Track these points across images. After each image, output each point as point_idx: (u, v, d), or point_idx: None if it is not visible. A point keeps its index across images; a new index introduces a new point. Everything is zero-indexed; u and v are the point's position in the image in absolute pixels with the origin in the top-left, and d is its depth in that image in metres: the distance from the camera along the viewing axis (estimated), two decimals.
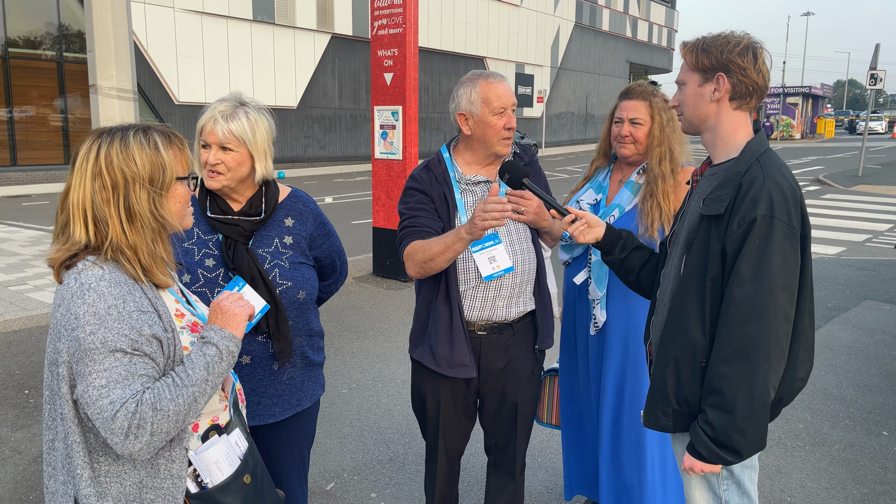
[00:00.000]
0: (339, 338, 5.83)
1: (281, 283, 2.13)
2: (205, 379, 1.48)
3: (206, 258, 2.09)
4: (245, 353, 2.11)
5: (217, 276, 2.09)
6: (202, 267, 2.08)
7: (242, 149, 2.06)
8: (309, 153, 24.84)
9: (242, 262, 2.07)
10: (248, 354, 2.12)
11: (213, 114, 2.04)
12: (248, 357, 2.12)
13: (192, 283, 2.06)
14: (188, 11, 20.55)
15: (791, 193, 1.75)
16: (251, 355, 2.12)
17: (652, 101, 2.66)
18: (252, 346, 2.11)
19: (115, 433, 1.37)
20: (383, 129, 7.60)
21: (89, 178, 1.47)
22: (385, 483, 3.54)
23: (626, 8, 43.14)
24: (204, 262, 2.09)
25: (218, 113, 2.04)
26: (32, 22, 18.53)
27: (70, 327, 1.41)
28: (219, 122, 2.03)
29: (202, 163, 2.07)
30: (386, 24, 7.40)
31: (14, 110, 18.13)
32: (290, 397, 2.22)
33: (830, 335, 5.99)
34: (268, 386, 2.17)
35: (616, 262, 2.20)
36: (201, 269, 2.08)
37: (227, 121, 2.03)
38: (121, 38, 4.72)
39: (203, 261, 2.09)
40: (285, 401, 2.22)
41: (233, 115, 2.04)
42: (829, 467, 3.73)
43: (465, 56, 30.53)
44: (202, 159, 2.06)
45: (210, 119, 2.04)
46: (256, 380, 2.15)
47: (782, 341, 1.73)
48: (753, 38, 1.86)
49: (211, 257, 2.10)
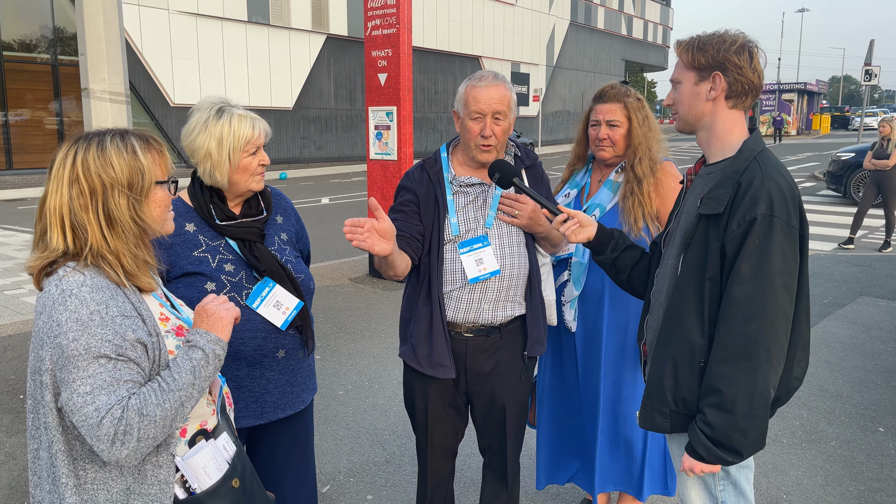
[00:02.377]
0: (335, 339, 5.81)
1: (297, 276, 2.20)
2: (191, 383, 1.46)
3: (224, 263, 2.10)
4: (281, 348, 2.18)
5: (241, 280, 2.10)
6: (224, 273, 2.08)
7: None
8: (305, 154, 24.83)
9: (270, 263, 2.12)
10: (283, 348, 2.19)
11: (249, 120, 2.09)
12: (283, 351, 2.19)
13: (218, 291, 2.06)
14: (183, 13, 20.52)
15: (790, 192, 1.74)
16: (286, 349, 2.19)
17: (626, 101, 2.68)
18: (286, 340, 2.18)
19: (102, 440, 1.36)
20: (378, 129, 7.58)
21: (66, 184, 1.46)
22: (381, 485, 3.53)
23: (621, 6, 43.16)
24: (223, 267, 2.09)
25: (250, 118, 2.10)
26: (27, 25, 18.51)
27: (52, 334, 1.39)
28: (260, 122, 2.12)
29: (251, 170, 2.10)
30: (380, 24, 7.39)
31: (9, 114, 18.10)
32: (310, 382, 2.34)
33: (826, 331, 5.99)
34: (297, 374, 2.27)
35: (608, 262, 2.19)
36: (224, 274, 2.08)
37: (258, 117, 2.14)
38: (112, 41, 4.69)
39: (222, 266, 2.09)
40: (308, 386, 2.34)
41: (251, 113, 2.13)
42: (825, 464, 3.73)
43: (461, 55, 30.53)
44: (252, 166, 2.10)
45: (252, 124, 2.09)
46: (290, 370, 2.23)
47: (782, 340, 1.72)
48: (749, 37, 1.86)
49: (228, 262, 2.11)
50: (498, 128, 2.27)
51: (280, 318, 2.12)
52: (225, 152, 2.04)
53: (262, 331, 2.12)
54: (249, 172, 2.10)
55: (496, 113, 2.25)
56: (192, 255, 2.08)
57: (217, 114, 2.06)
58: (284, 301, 2.13)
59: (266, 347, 2.14)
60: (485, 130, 2.25)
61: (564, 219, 2.13)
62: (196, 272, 2.06)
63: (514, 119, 2.36)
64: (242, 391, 2.14)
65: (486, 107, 2.24)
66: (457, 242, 2.32)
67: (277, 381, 2.20)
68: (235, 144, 2.05)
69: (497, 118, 2.26)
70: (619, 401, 2.76)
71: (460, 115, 2.33)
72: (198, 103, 2.12)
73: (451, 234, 2.33)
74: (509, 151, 2.47)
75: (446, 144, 2.48)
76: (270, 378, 2.18)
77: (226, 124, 2.05)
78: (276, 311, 2.12)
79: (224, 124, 2.05)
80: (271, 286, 2.11)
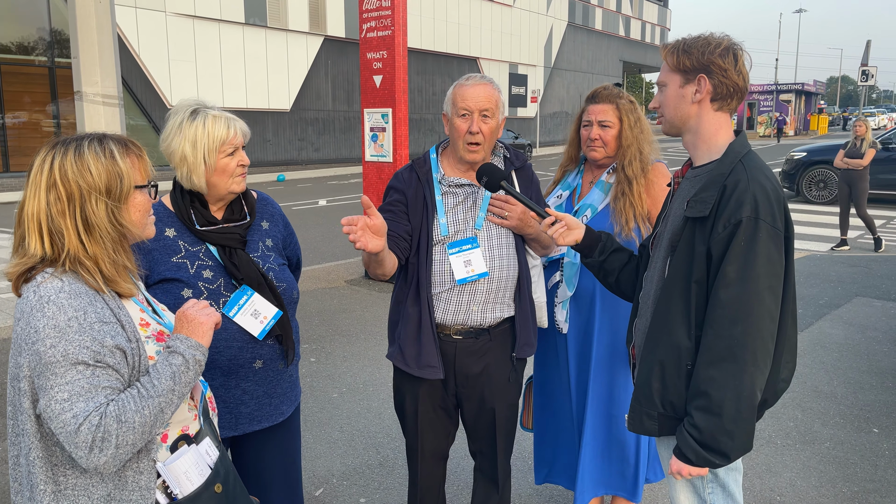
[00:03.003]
0: (330, 342, 5.81)
1: (278, 285, 2.15)
2: (171, 389, 1.46)
3: (202, 269, 2.06)
4: (258, 358, 2.13)
5: (219, 287, 2.06)
6: (201, 279, 2.05)
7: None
8: (303, 156, 24.82)
9: (250, 270, 2.08)
10: (261, 359, 2.14)
11: (224, 120, 2.05)
12: (260, 361, 2.14)
13: (195, 297, 2.03)
14: (180, 15, 20.52)
15: (775, 195, 1.74)
16: (263, 359, 2.14)
17: (618, 103, 2.69)
18: (264, 350, 2.14)
19: (80, 447, 1.35)
20: (373, 131, 7.58)
21: (44, 189, 1.46)
22: (374, 488, 3.53)
23: (618, 7, 43.20)
24: (201, 273, 2.05)
25: (225, 118, 2.06)
26: (23, 27, 18.50)
27: (30, 341, 1.38)
28: (237, 122, 2.08)
29: (230, 171, 2.06)
30: (374, 26, 7.39)
31: (6, 116, 18.09)
32: (290, 394, 2.28)
33: (822, 332, 5.99)
34: (277, 386, 2.21)
35: (595, 265, 2.19)
36: (201, 281, 2.04)
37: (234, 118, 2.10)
38: (105, 44, 4.69)
39: (200, 273, 2.05)
40: (289, 398, 2.27)
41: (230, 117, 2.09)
42: (819, 465, 3.72)
43: (459, 57, 30.54)
44: (230, 167, 2.06)
45: (227, 124, 2.05)
46: (269, 381, 2.18)
47: (768, 342, 1.72)
48: (733, 40, 1.86)
49: (207, 268, 2.07)
50: (485, 126, 2.28)
51: (258, 327, 2.07)
52: (200, 154, 2.01)
53: (239, 340, 2.07)
54: (228, 174, 2.07)
55: (483, 110, 2.27)
56: (170, 261, 2.05)
57: (191, 115, 2.03)
58: (263, 310, 2.08)
59: (242, 357, 2.10)
60: (472, 127, 2.26)
61: (552, 221, 2.13)
62: (173, 278, 2.03)
63: (503, 121, 2.36)
64: (217, 402, 2.08)
65: (474, 104, 2.26)
66: (446, 243, 2.32)
67: (254, 392, 2.16)
68: (210, 146, 2.02)
69: (485, 115, 2.28)
70: (611, 403, 2.75)
71: (449, 116, 2.34)
72: (174, 107, 2.09)
73: (441, 234, 2.33)
74: (498, 153, 2.47)
75: (436, 146, 2.49)
76: (246, 389, 2.14)
77: (199, 126, 2.01)
78: (253, 320, 2.07)
79: (198, 126, 2.01)
80: (249, 294, 2.06)
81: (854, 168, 9.34)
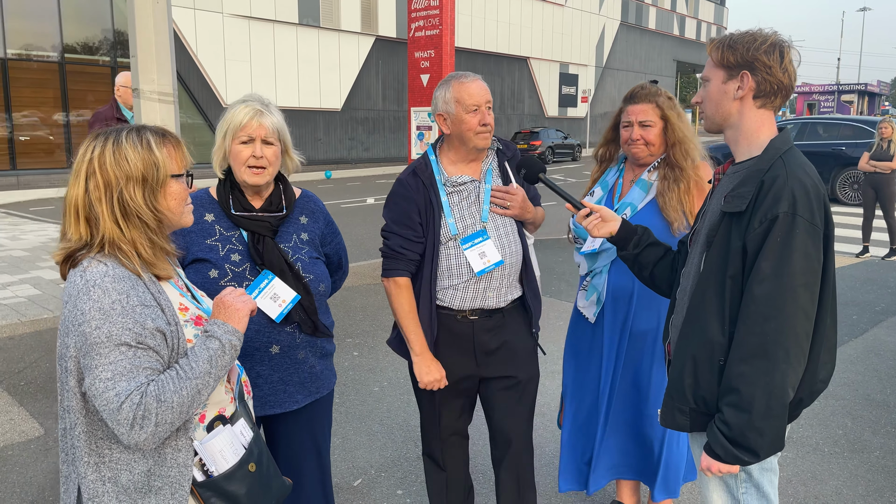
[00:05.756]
0: (373, 336, 5.88)
1: (304, 275, 2.20)
2: (208, 371, 1.52)
3: (232, 253, 2.15)
4: (274, 343, 2.17)
5: (244, 271, 2.14)
6: (229, 262, 2.13)
7: (279, 144, 2.17)
8: (353, 155, 25.12)
9: (273, 256, 2.14)
10: (278, 344, 2.18)
11: (250, 109, 2.11)
12: (277, 347, 2.18)
13: (220, 279, 2.11)
14: (236, 16, 21.01)
15: (815, 191, 1.71)
16: (280, 345, 2.18)
17: (658, 101, 2.68)
18: (281, 336, 2.18)
19: (121, 424, 1.42)
20: (420, 130, 7.64)
21: (83, 178, 1.53)
22: (412, 480, 3.57)
23: (673, 6, 42.44)
24: (230, 256, 2.14)
25: (254, 109, 2.11)
26: (88, 28, 19.16)
27: (77, 322, 1.46)
28: (265, 115, 2.12)
29: (242, 159, 2.11)
30: (423, 25, 7.44)
31: (71, 114, 18.77)
32: (310, 385, 2.30)
33: (877, 339, 5.79)
34: (293, 374, 2.24)
35: (630, 258, 2.19)
36: (228, 263, 2.13)
37: (268, 114, 2.13)
38: (161, 44, 4.85)
39: (229, 256, 2.14)
40: (307, 388, 2.29)
41: (268, 111, 2.14)
42: (867, 474, 3.61)
43: (508, 56, 30.46)
44: (242, 155, 2.11)
45: (252, 114, 2.10)
46: (283, 368, 2.21)
47: (802, 340, 1.69)
48: (781, 36, 1.83)
49: (236, 252, 2.15)
50: (491, 116, 2.44)
51: (276, 310, 2.12)
52: (221, 137, 2.14)
53: (256, 323, 2.12)
54: (240, 161, 2.13)
55: (488, 102, 2.42)
56: (204, 243, 2.14)
57: (235, 104, 2.15)
58: (282, 294, 2.13)
59: (258, 340, 2.15)
60: (484, 119, 2.40)
61: (587, 213, 2.14)
62: (204, 259, 2.12)
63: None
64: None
65: (481, 98, 2.39)
66: (458, 240, 2.41)
67: (269, 377, 2.19)
68: (228, 129, 2.12)
69: (489, 106, 2.43)
70: (638, 396, 2.75)
71: (451, 114, 2.41)
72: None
73: (451, 233, 2.41)
74: (492, 145, 2.55)
75: (432, 147, 2.56)
76: (260, 372, 2.18)
77: (231, 111, 2.12)
78: (272, 303, 2.12)
79: (230, 111, 2.12)
80: (270, 278, 2.12)
81: (881, 171, 8.94)
